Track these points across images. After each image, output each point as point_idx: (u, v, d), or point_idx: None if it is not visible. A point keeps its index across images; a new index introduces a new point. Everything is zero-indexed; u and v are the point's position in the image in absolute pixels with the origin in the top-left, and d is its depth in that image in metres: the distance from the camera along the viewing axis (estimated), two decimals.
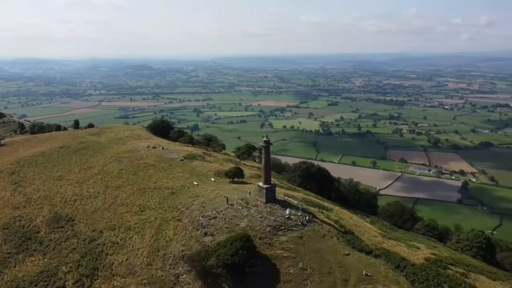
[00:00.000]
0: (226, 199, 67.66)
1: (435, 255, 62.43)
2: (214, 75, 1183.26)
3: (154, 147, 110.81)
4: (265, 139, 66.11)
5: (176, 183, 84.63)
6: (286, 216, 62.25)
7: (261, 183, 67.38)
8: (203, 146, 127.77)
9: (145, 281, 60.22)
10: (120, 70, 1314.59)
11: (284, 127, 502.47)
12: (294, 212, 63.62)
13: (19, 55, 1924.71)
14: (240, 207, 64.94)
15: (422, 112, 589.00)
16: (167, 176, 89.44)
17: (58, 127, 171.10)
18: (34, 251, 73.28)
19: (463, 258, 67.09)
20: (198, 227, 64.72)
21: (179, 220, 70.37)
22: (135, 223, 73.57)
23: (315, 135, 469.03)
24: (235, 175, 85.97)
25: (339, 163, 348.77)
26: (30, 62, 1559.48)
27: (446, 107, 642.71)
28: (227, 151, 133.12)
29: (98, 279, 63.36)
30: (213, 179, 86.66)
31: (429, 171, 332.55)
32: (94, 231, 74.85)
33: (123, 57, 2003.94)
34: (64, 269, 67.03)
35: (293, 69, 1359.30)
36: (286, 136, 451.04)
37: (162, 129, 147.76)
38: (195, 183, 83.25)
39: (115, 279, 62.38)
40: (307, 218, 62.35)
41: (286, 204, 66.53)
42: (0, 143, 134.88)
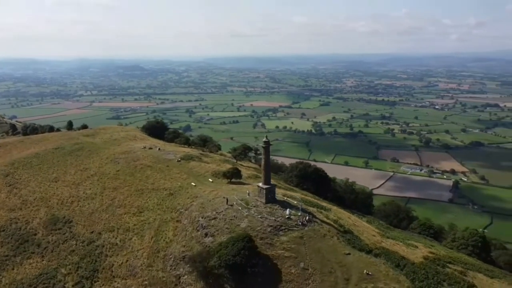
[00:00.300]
0: (226, 199, 67.80)
1: (433, 254, 63.29)
2: (206, 76, 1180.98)
3: (151, 148, 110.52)
4: (265, 139, 66.50)
5: (174, 184, 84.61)
6: (286, 216, 62.60)
7: (261, 184, 67.66)
8: (199, 147, 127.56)
9: (146, 282, 60.19)
10: (111, 71, 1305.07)
11: (277, 127, 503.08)
12: (294, 212, 64.02)
13: (8, 55, 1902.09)
14: (240, 208, 65.16)
15: (413, 112, 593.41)
16: (165, 177, 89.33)
17: (51, 128, 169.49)
18: (32, 253, 72.78)
19: (460, 257, 68.11)
20: (198, 228, 64.82)
21: (179, 221, 70.40)
22: (134, 225, 73.44)
23: (308, 135, 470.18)
24: (233, 176, 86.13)
25: (331, 163, 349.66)
26: (20, 62, 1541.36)
27: (437, 107, 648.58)
28: (223, 152, 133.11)
29: (99, 281, 63.16)
30: (210, 180, 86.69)
31: (420, 170, 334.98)
32: (92, 232, 74.52)
33: (114, 57, 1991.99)
34: (63, 271, 66.67)
35: (285, 69, 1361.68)
36: (279, 137, 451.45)
37: (157, 130, 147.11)
38: (193, 184, 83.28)
39: (116, 281, 62.23)
40: (307, 218, 62.79)
41: (285, 204, 66.89)
42: None
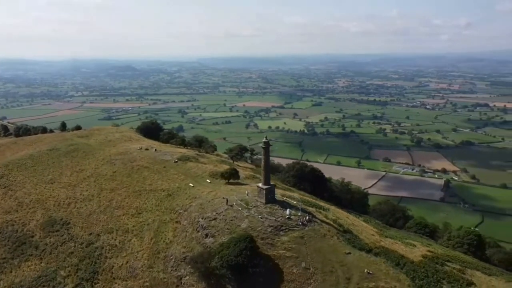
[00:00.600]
0: (226, 200, 67.94)
1: (432, 252, 64.12)
2: (199, 76, 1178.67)
3: (147, 149, 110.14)
4: (264, 140, 66.74)
5: (172, 185, 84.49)
6: (287, 216, 62.96)
7: (260, 184, 67.93)
8: (195, 148, 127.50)
9: (147, 283, 60.14)
10: (102, 71, 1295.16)
11: (269, 127, 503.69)
12: (294, 212, 64.39)
13: None
14: (240, 208, 65.37)
15: (405, 112, 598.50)
16: (162, 178, 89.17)
17: (44, 130, 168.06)
18: (30, 255, 72.21)
19: (457, 255, 69.08)
20: (198, 229, 64.92)
21: (178, 222, 70.40)
22: (133, 226, 73.24)
23: (300, 135, 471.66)
24: (231, 176, 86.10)
25: (324, 163, 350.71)
26: (10, 62, 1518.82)
27: (428, 107, 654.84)
28: (219, 152, 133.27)
29: (99, 283, 62.90)
30: (208, 181, 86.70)
31: (412, 170, 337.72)
32: (91, 234, 74.16)
33: (105, 57, 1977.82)
34: (63, 273, 66.28)
35: (277, 69, 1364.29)
36: (272, 137, 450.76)
37: (152, 130, 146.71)
38: (191, 184, 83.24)
39: (116, 282, 62.04)
40: (307, 218, 63.22)
41: (285, 204, 67.24)
42: None
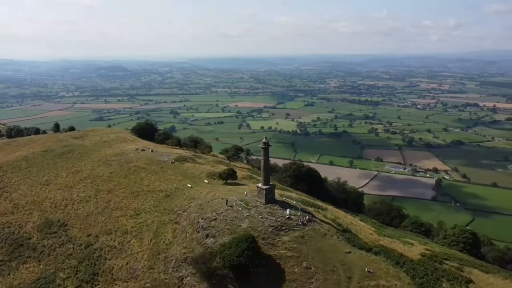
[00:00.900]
0: (226, 200, 68.10)
1: (429, 251, 64.98)
2: (190, 76, 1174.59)
3: (143, 150, 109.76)
4: (264, 140, 67.18)
5: (170, 186, 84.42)
6: (287, 216, 63.31)
7: (260, 184, 68.22)
8: (190, 148, 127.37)
9: (148, 285, 60.07)
10: (92, 72, 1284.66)
11: (262, 128, 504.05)
12: (293, 212, 64.77)
13: None
14: (240, 209, 65.57)
15: (396, 112, 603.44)
16: (160, 178, 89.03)
17: (37, 131, 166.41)
18: (28, 257, 71.68)
19: (454, 253, 70.14)
20: (198, 229, 64.98)
21: (177, 222, 70.41)
22: (132, 227, 73.06)
23: (293, 135, 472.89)
24: (229, 177, 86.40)
25: (317, 163, 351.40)
26: None
27: (418, 106, 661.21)
28: (215, 153, 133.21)
29: (99, 284, 62.64)
30: (206, 181, 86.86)
31: (404, 169, 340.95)
32: (89, 236, 73.83)
33: (95, 58, 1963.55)
34: (62, 275, 65.88)
35: (269, 70, 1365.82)
36: (264, 137, 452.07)
37: (147, 131, 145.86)
38: (189, 185, 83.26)
39: (117, 284, 61.86)
40: (307, 217, 63.65)
41: (285, 204, 67.61)
42: None
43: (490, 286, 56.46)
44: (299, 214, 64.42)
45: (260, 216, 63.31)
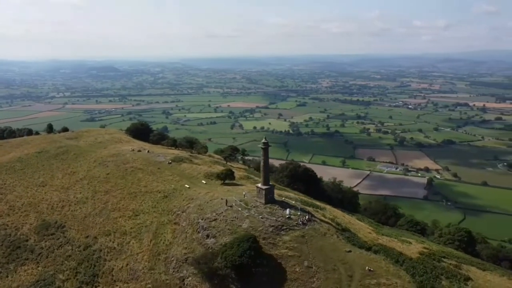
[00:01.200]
0: (226, 201, 68.27)
1: (427, 249, 65.91)
2: (182, 77, 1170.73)
3: (139, 151, 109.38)
4: (264, 140, 67.33)
5: (168, 187, 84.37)
6: (287, 216, 63.72)
7: (259, 184, 68.50)
8: (186, 149, 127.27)
9: (149, 285, 60.03)
10: (83, 72, 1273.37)
11: (254, 128, 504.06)
12: (293, 212, 65.20)
13: None
14: (240, 209, 65.81)
15: (388, 112, 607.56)
16: (157, 179, 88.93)
17: (30, 132, 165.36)
18: (26, 259, 71.09)
19: (451, 251, 71.15)
20: (198, 230, 65.09)
21: (176, 223, 70.44)
22: (131, 228, 72.92)
23: (285, 135, 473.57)
24: (227, 177, 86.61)
25: (309, 162, 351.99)
26: None
27: (410, 106, 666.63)
28: (211, 153, 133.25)
29: (99, 286, 62.41)
30: (204, 182, 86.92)
31: (396, 169, 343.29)
32: (87, 237, 73.49)
33: (85, 58, 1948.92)
34: (62, 277, 65.50)
35: (261, 70, 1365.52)
36: (257, 137, 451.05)
37: (142, 132, 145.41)
38: (187, 186, 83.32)
39: (117, 285, 61.71)
40: (307, 217, 64.13)
41: (284, 204, 68.04)
42: None
43: (488, 283, 57.43)
44: (299, 213, 64.87)
45: (260, 216, 63.63)
